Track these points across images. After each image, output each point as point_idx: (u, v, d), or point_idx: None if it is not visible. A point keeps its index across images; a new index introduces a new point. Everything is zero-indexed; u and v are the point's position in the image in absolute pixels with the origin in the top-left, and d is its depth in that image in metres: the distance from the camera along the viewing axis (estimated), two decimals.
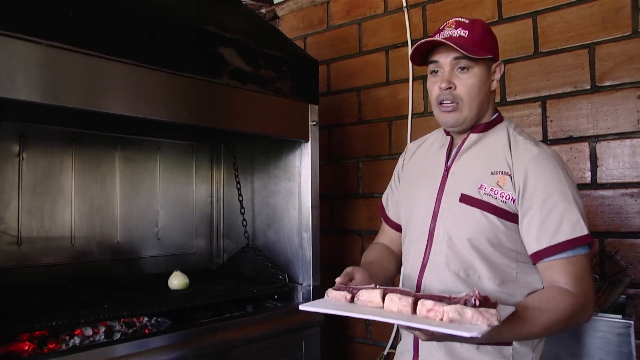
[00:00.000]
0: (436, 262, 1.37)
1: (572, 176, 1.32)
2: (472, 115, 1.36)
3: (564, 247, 1.23)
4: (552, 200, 1.26)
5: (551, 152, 1.33)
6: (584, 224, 1.25)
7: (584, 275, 1.24)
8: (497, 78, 1.40)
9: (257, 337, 1.88)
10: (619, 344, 1.67)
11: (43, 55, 1.36)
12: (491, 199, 1.31)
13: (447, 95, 1.34)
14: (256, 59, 1.97)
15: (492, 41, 1.38)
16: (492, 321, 0.96)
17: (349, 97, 2.96)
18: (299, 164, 2.24)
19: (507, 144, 1.35)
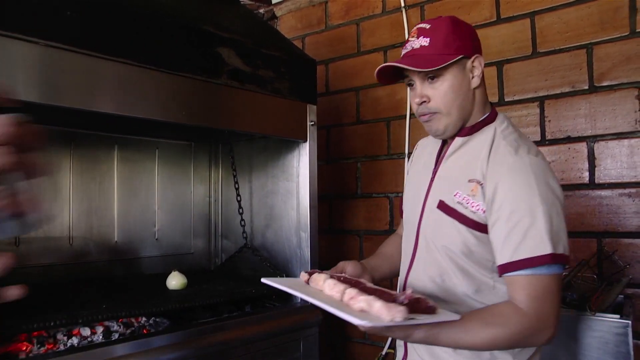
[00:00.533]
0: (418, 265, 1.38)
1: (552, 189, 1.21)
2: (455, 121, 1.31)
3: (524, 265, 1.16)
4: (518, 214, 1.18)
5: (530, 161, 1.22)
6: (549, 243, 1.16)
7: (544, 296, 1.15)
8: (478, 74, 1.30)
9: (256, 338, 1.88)
10: (616, 343, 1.67)
11: (41, 55, 1.36)
12: (462, 208, 1.27)
13: (424, 109, 1.31)
14: (254, 59, 1.97)
15: (461, 38, 1.27)
16: (396, 317, 0.96)
17: (347, 97, 2.96)
18: (297, 164, 2.24)
19: (488, 150, 1.27)
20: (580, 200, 2.19)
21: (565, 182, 2.23)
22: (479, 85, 1.32)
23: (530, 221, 1.17)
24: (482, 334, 1.13)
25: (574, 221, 2.20)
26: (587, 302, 1.74)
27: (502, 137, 1.29)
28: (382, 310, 0.98)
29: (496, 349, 1.21)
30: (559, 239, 1.18)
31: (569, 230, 2.19)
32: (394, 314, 0.97)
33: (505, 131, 1.31)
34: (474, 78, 1.30)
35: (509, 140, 1.28)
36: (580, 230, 2.18)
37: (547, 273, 1.16)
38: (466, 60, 1.29)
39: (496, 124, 1.33)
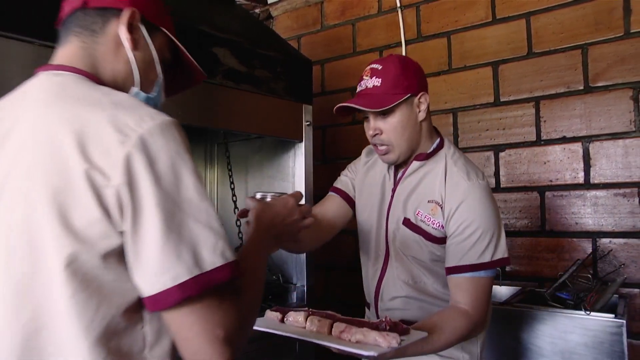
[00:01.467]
0: (391, 272, 1.54)
1: (495, 205, 1.44)
2: (405, 151, 1.48)
3: (469, 269, 1.38)
4: (470, 228, 1.38)
5: (480, 185, 1.42)
6: (492, 250, 1.38)
7: (482, 296, 1.39)
8: (424, 108, 1.46)
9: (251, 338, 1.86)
10: (611, 343, 1.67)
11: (36, 55, 1.35)
12: (425, 225, 1.46)
13: (377, 140, 1.49)
14: (250, 59, 1.96)
15: (409, 78, 1.44)
16: (392, 344, 1.11)
17: (343, 97, 2.95)
18: (292, 164, 2.24)
19: (443, 176, 1.45)
20: (575, 200, 2.20)
21: (561, 182, 2.23)
22: (425, 118, 1.47)
23: (479, 233, 1.38)
24: (439, 341, 1.32)
25: (569, 221, 2.21)
26: (582, 302, 1.74)
27: (453, 162, 1.47)
28: (380, 339, 1.12)
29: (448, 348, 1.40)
30: (499, 246, 1.40)
31: (564, 229, 2.21)
32: (390, 341, 1.12)
33: (454, 157, 1.49)
34: (420, 112, 1.46)
35: (459, 166, 1.46)
36: (576, 230, 2.19)
37: (485, 276, 1.39)
38: (413, 98, 1.44)
39: (445, 150, 1.50)
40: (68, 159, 0.72)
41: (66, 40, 0.91)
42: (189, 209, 0.75)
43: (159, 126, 0.75)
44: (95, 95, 0.80)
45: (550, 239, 2.25)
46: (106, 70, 0.91)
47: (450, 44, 2.56)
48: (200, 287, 0.73)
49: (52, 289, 0.73)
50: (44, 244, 0.73)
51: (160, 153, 0.73)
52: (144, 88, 0.96)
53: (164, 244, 0.72)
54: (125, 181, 0.71)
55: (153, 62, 0.97)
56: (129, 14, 0.91)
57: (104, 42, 0.91)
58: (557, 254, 2.23)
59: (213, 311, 0.75)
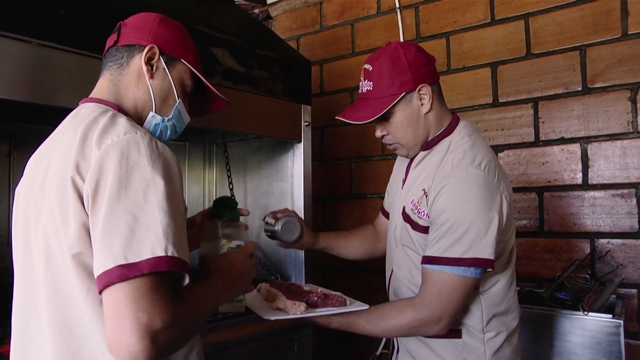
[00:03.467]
0: (396, 269, 1.53)
1: (483, 200, 1.29)
2: (414, 145, 1.46)
3: (438, 261, 1.30)
4: (442, 218, 1.31)
5: (467, 172, 1.32)
6: (464, 249, 1.27)
7: (447, 295, 1.29)
8: (426, 101, 1.41)
9: (250, 338, 1.87)
10: (609, 343, 1.68)
11: (34, 55, 1.35)
12: (413, 214, 1.42)
13: (385, 140, 1.50)
14: (248, 59, 1.96)
15: (401, 74, 1.38)
16: (296, 312, 1.28)
17: (341, 97, 2.96)
18: (291, 165, 2.24)
19: (439, 163, 1.40)
20: (573, 201, 2.20)
21: (559, 182, 2.24)
22: (430, 110, 1.42)
23: (449, 225, 1.29)
24: (380, 324, 1.35)
25: (567, 222, 2.21)
26: (580, 302, 1.75)
27: (454, 149, 1.40)
28: (287, 306, 1.29)
29: (392, 336, 1.43)
30: (477, 244, 1.26)
31: (562, 230, 2.22)
32: (294, 310, 1.28)
33: (459, 142, 1.41)
34: (424, 105, 1.41)
35: (457, 152, 1.38)
36: (574, 231, 2.19)
37: (450, 272, 1.28)
38: (411, 94, 1.40)
39: (453, 136, 1.44)
40: (67, 173, 0.90)
41: (102, 74, 1.12)
42: (131, 209, 0.86)
43: (126, 140, 0.90)
44: (100, 121, 0.96)
45: (549, 240, 2.26)
46: (128, 98, 1.09)
47: (449, 45, 2.57)
48: (121, 275, 0.82)
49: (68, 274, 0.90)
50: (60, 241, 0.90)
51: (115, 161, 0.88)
52: (163, 112, 1.13)
53: (101, 236, 0.85)
54: (90, 182, 0.87)
55: (172, 89, 1.13)
56: (147, 49, 1.09)
57: (127, 74, 1.09)
58: (555, 255, 2.24)
59: (140, 297, 0.82)
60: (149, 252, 0.84)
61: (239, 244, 1.26)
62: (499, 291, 1.39)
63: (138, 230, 0.85)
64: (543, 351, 1.79)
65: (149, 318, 0.81)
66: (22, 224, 1.03)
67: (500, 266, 1.39)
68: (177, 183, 0.95)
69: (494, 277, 1.39)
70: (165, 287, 0.86)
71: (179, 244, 0.89)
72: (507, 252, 1.41)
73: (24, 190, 1.06)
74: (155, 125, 1.13)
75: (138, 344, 0.80)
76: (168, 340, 0.84)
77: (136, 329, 0.80)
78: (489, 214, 1.28)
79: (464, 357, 1.36)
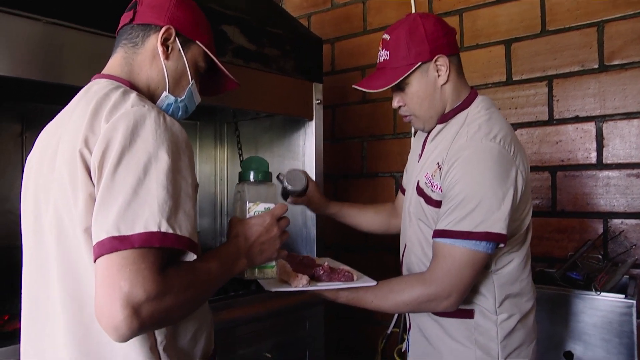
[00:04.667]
0: (409, 238, 1.50)
1: (497, 174, 1.26)
2: (429, 117, 1.44)
3: (449, 235, 1.27)
4: (454, 191, 1.29)
5: (481, 144, 1.30)
6: (475, 222, 1.24)
7: (457, 271, 1.26)
8: (443, 72, 1.38)
9: (261, 316, 1.89)
10: (620, 323, 1.68)
11: (44, 33, 1.35)
12: (427, 188, 1.40)
13: (401, 112, 1.49)
14: (260, 37, 1.95)
15: (418, 44, 1.36)
16: (298, 285, 1.28)
17: (353, 76, 2.93)
18: (302, 143, 2.23)
19: (454, 136, 1.37)
20: (587, 181, 2.18)
21: (573, 162, 2.21)
22: (447, 81, 1.40)
23: (461, 197, 1.26)
24: (388, 299, 1.33)
25: (580, 201, 2.19)
26: (593, 282, 1.74)
27: (470, 122, 1.37)
28: (290, 279, 1.30)
29: (401, 311, 1.43)
30: (489, 217, 1.24)
31: (575, 210, 2.20)
32: (298, 282, 1.28)
33: (476, 116, 1.38)
34: (440, 76, 1.39)
35: (472, 125, 1.35)
36: (586, 211, 2.18)
37: (461, 246, 1.26)
38: (427, 64, 1.38)
39: (469, 109, 1.41)
40: (77, 147, 0.90)
41: (115, 51, 1.11)
42: (130, 181, 0.85)
43: (133, 112, 0.90)
44: (111, 97, 0.95)
45: (561, 220, 2.24)
46: (141, 77, 1.09)
47: (462, 22, 2.52)
48: (112, 247, 0.81)
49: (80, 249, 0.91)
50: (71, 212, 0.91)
51: (121, 133, 0.87)
52: (176, 92, 1.13)
53: (98, 206, 0.85)
54: (97, 153, 0.87)
55: (185, 70, 1.13)
56: (164, 30, 1.08)
57: (142, 53, 1.09)
58: (568, 235, 2.22)
59: (126, 265, 0.80)
60: (142, 226, 0.83)
61: (268, 207, 1.18)
62: (512, 271, 1.37)
63: (134, 203, 0.84)
64: (554, 331, 1.79)
65: (130, 287, 0.79)
66: (32, 200, 1.03)
67: (515, 245, 1.37)
68: (184, 159, 0.94)
69: (508, 256, 1.37)
70: (154, 258, 0.84)
71: (176, 220, 0.87)
72: (523, 230, 1.38)
73: (34, 168, 1.06)
74: (167, 105, 1.13)
75: (119, 314, 0.78)
76: (153, 312, 0.81)
77: (117, 298, 0.78)
78: (503, 188, 1.25)
79: (475, 338, 1.35)
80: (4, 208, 1.90)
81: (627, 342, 1.66)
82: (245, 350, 1.84)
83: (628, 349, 1.66)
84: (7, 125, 1.93)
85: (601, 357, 1.71)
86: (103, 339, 0.90)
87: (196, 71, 1.17)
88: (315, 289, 1.32)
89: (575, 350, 1.76)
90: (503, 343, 1.34)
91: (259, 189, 1.23)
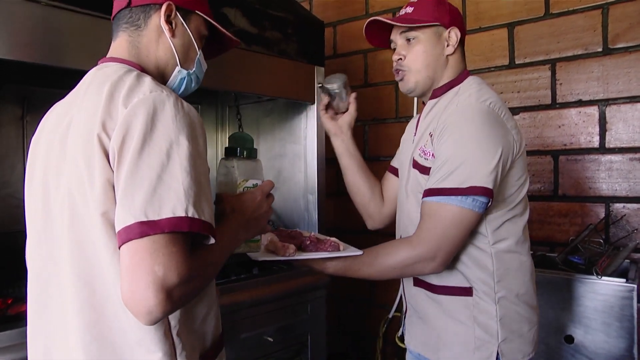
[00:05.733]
0: (407, 214, 1.49)
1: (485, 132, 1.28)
2: (422, 79, 1.45)
3: (428, 193, 1.30)
4: (441, 152, 1.31)
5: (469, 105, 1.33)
6: (461, 179, 1.25)
7: (437, 226, 1.28)
8: (453, 43, 1.44)
9: (264, 300, 1.90)
10: (621, 307, 1.68)
11: (43, 16, 1.34)
12: (421, 158, 1.40)
13: (399, 65, 1.48)
14: (261, 20, 1.93)
15: (441, 11, 1.44)
16: (286, 254, 1.29)
17: (355, 59, 2.91)
18: (304, 127, 2.23)
19: (445, 106, 1.40)
20: (589, 165, 2.17)
21: (575, 146, 2.20)
22: (453, 53, 1.45)
23: (447, 156, 1.28)
24: (375, 265, 1.35)
25: (582, 186, 2.19)
26: (594, 266, 1.74)
27: (461, 93, 1.41)
28: (277, 248, 1.31)
29: (388, 277, 1.40)
30: (475, 173, 1.25)
31: (577, 194, 2.20)
32: (284, 252, 1.30)
33: (467, 88, 1.42)
34: (449, 47, 1.44)
35: (463, 95, 1.39)
36: (588, 195, 2.17)
37: (448, 203, 1.26)
38: (442, 30, 1.44)
39: (462, 85, 1.45)
40: (94, 131, 0.89)
41: (117, 35, 1.10)
42: (154, 166, 0.85)
43: (152, 98, 0.90)
44: (126, 81, 0.95)
45: (563, 204, 2.24)
46: (149, 58, 1.09)
47: (465, 5, 2.50)
48: (141, 232, 0.81)
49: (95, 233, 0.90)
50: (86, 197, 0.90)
51: (142, 119, 0.87)
52: (186, 65, 1.14)
53: (123, 191, 0.84)
54: (117, 139, 0.86)
55: (192, 42, 1.14)
56: (165, 7, 1.07)
57: (146, 34, 1.08)
58: (569, 219, 2.22)
59: (158, 249, 0.81)
60: (169, 211, 0.83)
61: (256, 183, 1.21)
62: (510, 247, 1.37)
63: (160, 188, 0.84)
64: (555, 315, 1.80)
65: (165, 271, 0.80)
66: (41, 183, 1.03)
67: (512, 216, 1.37)
68: (201, 143, 0.95)
69: (505, 230, 1.36)
70: (184, 241, 0.85)
71: (200, 205, 0.88)
72: (520, 199, 1.38)
73: (41, 151, 1.05)
74: (180, 79, 1.14)
75: (153, 298, 0.79)
76: (183, 294, 0.84)
77: (152, 282, 0.79)
78: (491, 146, 1.27)
79: (474, 316, 1.35)
80: (6, 192, 1.90)
81: (627, 326, 1.67)
82: (247, 334, 1.86)
83: (628, 333, 1.67)
84: (7, 109, 1.92)
85: (602, 341, 1.72)
86: (115, 324, 0.91)
87: (200, 40, 1.18)
88: (302, 258, 1.34)
89: (575, 334, 1.77)
90: (502, 321, 1.34)
91: (248, 165, 1.25)
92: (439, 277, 1.38)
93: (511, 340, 1.35)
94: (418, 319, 1.47)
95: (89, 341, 0.91)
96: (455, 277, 1.37)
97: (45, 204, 1.01)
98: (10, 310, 1.41)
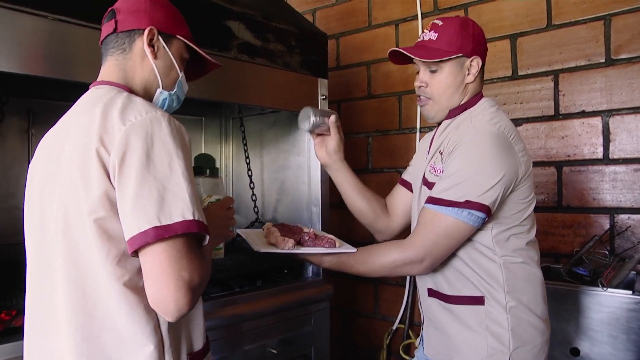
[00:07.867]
0: None
1: (493, 155, 1.33)
2: (443, 108, 1.49)
3: (429, 200, 1.36)
4: (452, 165, 1.36)
5: (480, 128, 1.37)
6: (461, 193, 1.30)
7: (430, 233, 1.34)
8: (474, 72, 1.46)
9: (267, 312, 1.90)
10: (628, 319, 1.67)
11: (50, 30, 1.35)
12: (430, 175, 1.46)
13: (421, 92, 1.51)
14: (265, 32, 1.95)
15: (463, 39, 1.45)
16: (284, 248, 1.38)
17: (358, 71, 2.93)
18: (308, 139, 2.23)
19: (458, 126, 1.45)
20: (593, 176, 2.17)
21: (579, 157, 2.20)
22: (472, 82, 1.48)
23: (453, 171, 1.34)
24: (367, 263, 1.42)
25: (586, 197, 2.18)
26: (599, 278, 1.73)
27: (475, 115, 1.45)
28: (278, 241, 1.40)
29: (378, 275, 1.50)
30: (476, 190, 1.30)
31: (581, 205, 2.19)
32: (283, 246, 1.38)
33: (483, 112, 1.45)
34: (469, 75, 1.47)
35: (477, 117, 1.43)
36: (593, 206, 2.17)
37: (445, 213, 1.32)
38: (465, 59, 1.45)
39: (476, 106, 1.48)
40: (91, 145, 0.97)
41: (105, 60, 1.18)
42: (160, 178, 0.95)
43: (149, 118, 0.99)
44: (118, 100, 1.04)
45: (567, 215, 2.23)
46: (136, 80, 1.17)
47: (468, 17, 2.51)
48: (157, 235, 0.92)
49: (87, 238, 0.98)
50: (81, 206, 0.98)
51: (141, 137, 0.96)
52: (167, 87, 1.22)
53: (133, 202, 0.93)
54: (117, 154, 0.95)
55: (173, 64, 1.21)
56: (147, 32, 1.15)
57: (131, 57, 1.16)
58: (574, 230, 2.22)
59: (181, 256, 0.94)
60: (179, 215, 0.95)
61: (218, 198, 1.39)
62: (518, 260, 1.40)
63: (167, 197, 0.95)
64: (561, 327, 1.79)
65: (190, 275, 0.94)
66: (38, 197, 1.10)
67: (519, 235, 1.42)
68: (189, 157, 1.06)
69: (512, 244, 1.40)
70: (196, 247, 0.99)
71: (200, 209, 1.00)
72: (525, 217, 1.43)
73: (38, 171, 1.13)
74: (163, 100, 1.22)
75: (183, 297, 0.93)
76: (201, 290, 0.99)
77: (181, 285, 0.93)
78: (495, 169, 1.32)
79: (486, 325, 1.37)
80: (11, 204, 1.90)
81: (634, 338, 1.65)
82: (250, 346, 1.85)
83: (635, 345, 1.65)
84: (13, 121, 1.93)
85: (608, 353, 1.70)
86: (106, 324, 0.99)
87: (182, 63, 1.25)
88: (300, 252, 1.43)
89: (581, 347, 1.76)
90: (514, 331, 1.36)
91: (211, 182, 1.43)
92: (452, 287, 1.42)
93: (523, 350, 1.37)
94: (434, 328, 1.50)
95: (80, 342, 0.99)
96: (467, 286, 1.40)
97: (41, 216, 1.09)
98: (14, 322, 1.41)
